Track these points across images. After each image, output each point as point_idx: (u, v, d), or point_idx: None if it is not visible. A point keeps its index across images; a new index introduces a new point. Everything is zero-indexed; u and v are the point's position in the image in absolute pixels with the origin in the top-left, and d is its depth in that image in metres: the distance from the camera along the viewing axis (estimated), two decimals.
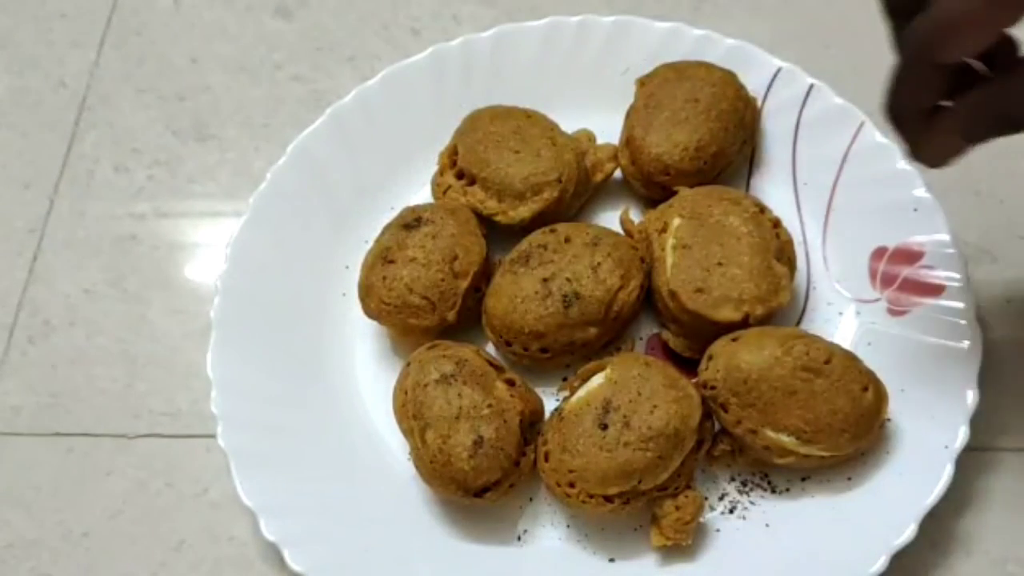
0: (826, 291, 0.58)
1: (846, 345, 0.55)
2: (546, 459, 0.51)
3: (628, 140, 0.60)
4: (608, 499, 0.50)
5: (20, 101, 0.72)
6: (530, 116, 0.61)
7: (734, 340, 0.52)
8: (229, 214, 0.65)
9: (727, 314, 0.53)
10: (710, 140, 0.58)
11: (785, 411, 0.50)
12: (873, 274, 0.57)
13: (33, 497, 0.58)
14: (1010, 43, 0.42)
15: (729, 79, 0.60)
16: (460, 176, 0.60)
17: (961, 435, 0.51)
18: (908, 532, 0.49)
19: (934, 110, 0.43)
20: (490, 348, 0.57)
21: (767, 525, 0.52)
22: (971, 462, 0.52)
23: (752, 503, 0.52)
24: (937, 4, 0.39)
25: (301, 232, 0.61)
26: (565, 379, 0.56)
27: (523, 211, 0.58)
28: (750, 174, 0.62)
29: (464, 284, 0.56)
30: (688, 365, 0.55)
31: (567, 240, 0.56)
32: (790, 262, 0.56)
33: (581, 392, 0.52)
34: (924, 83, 0.42)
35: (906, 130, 0.44)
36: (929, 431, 0.52)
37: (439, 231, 0.57)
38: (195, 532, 0.56)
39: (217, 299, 0.58)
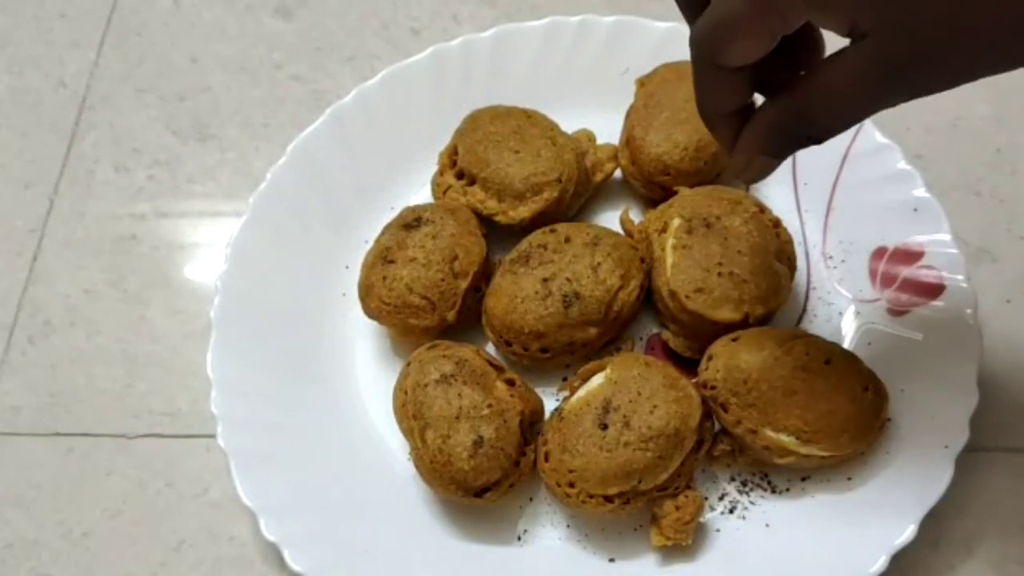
0: (826, 291, 0.58)
1: (846, 345, 0.55)
2: (546, 459, 0.51)
3: (628, 140, 0.60)
4: (608, 499, 0.50)
5: (20, 101, 0.72)
6: (530, 116, 0.61)
7: (734, 340, 0.52)
8: (229, 214, 0.66)
9: (727, 314, 0.53)
10: (710, 140, 0.58)
11: (785, 411, 0.50)
12: (873, 274, 0.57)
13: (33, 497, 0.58)
14: (813, 44, 0.39)
15: None
16: (460, 176, 0.60)
17: (961, 435, 0.51)
18: (908, 532, 0.49)
19: (746, 110, 0.41)
20: (490, 348, 0.57)
21: (767, 525, 0.52)
22: (971, 462, 0.52)
23: (752, 503, 0.52)
24: (711, 6, 0.37)
25: (301, 232, 0.61)
26: (565, 379, 0.56)
27: (523, 211, 0.58)
28: None
29: (464, 284, 0.56)
30: (688, 365, 0.55)
31: (567, 240, 0.56)
32: (790, 262, 0.56)
33: (581, 392, 0.52)
34: (717, 86, 0.40)
35: (717, 134, 0.42)
36: (929, 431, 0.51)
37: (439, 231, 0.57)
38: (195, 532, 0.56)
39: (217, 299, 0.58)
